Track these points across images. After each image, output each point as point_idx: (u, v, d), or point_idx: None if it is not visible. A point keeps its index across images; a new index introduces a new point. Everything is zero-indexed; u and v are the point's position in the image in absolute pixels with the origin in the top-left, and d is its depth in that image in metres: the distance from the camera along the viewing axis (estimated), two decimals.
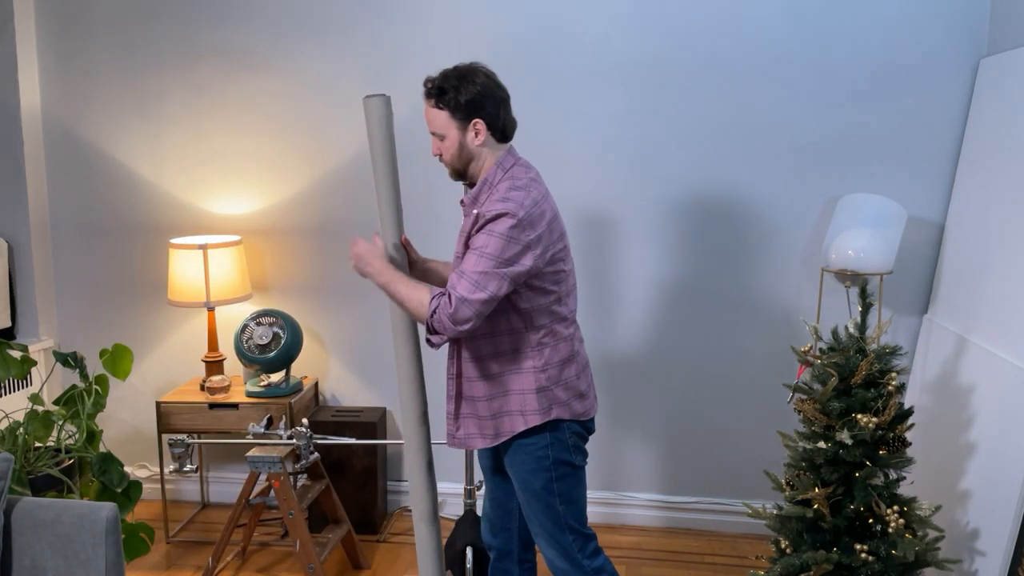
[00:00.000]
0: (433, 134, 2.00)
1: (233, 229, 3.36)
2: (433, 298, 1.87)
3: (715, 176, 3.09)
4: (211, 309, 3.22)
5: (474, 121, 1.94)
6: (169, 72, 3.30)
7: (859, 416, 2.24)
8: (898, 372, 2.31)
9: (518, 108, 3.12)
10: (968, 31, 2.90)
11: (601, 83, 3.10)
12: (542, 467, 2.04)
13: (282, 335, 3.09)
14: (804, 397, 2.40)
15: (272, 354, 3.07)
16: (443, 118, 1.95)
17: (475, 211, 1.96)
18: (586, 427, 2.12)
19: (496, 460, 2.23)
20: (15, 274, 3.36)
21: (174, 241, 3.16)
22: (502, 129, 2.00)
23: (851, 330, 2.34)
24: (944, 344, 2.82)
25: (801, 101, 3.01)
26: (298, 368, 3.38)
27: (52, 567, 1.87)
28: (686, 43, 3.03)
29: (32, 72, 3.32)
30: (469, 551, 2.65)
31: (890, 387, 2.28)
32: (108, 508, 1.89)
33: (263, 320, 3.11)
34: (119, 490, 2.50)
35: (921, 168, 3.00)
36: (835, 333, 2.39)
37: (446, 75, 1.95)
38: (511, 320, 1.98)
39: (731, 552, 3.11)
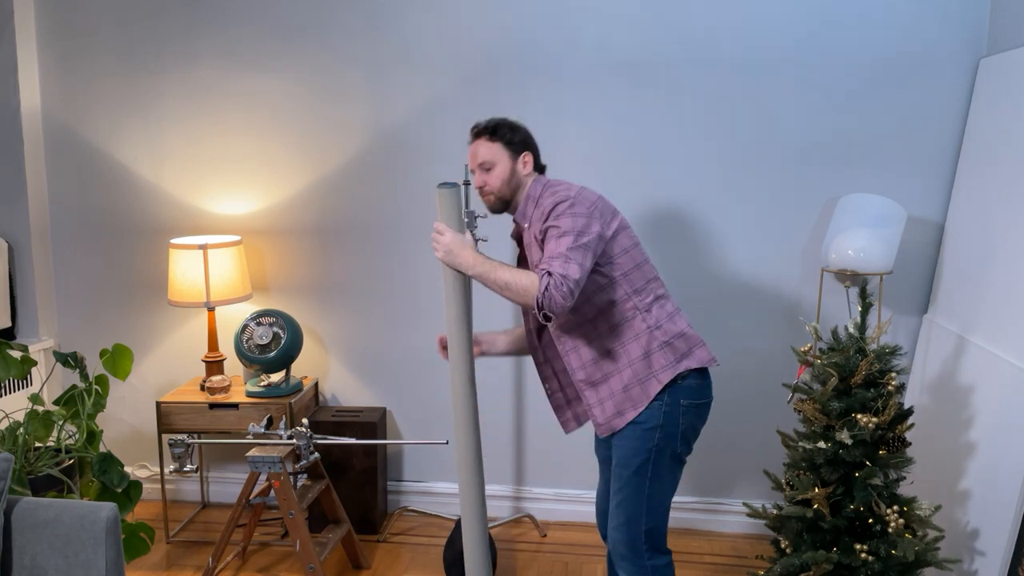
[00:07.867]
0: (480, 167, 2.17)
1: (233, 229, 3.37)
2: (541, 278, 1.92)
3: (715, 176, 3.09)
4: (211, 309, 3.22)
5: (524, 153, 2.17)
6: (169, 72, 3.30)
7: (859, 416, 2.24)
8: (898, 372, 2.32)
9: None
10: (968, 31, 2.91)
11: (601, 83, 3.10)
12: (645, 447, 2.07)
13: (282, 335, 3.09)
14: (804, 397, 2.41)
15: (272, 354, 3.07)
16: (496, 148, 2.15)
17: (526, 224, 2.14)
18: (701, 412, 2.11)
19: (610, 450, 2.25)
20: (15, 274, 3.36)
21: (174, 241, 3.16)
22: (542, 167, 2.25)
23: (851, 330, 2.34)
24: (944, 344, 2.82)
25: (801, 101, 3.01)
26: (298, 368, 3.38)
27: (52, 567, 1.87)
28: (686, 43, 3.03)
29: (32, 72, 3.32)
30: None
31: (890, 387, 2.28)
32: (108, 508, 1.89)
33: (263, 320, 3.11)
34: (119, 490, 2.50)
35: (921, 168, 3.00)
36: (835, 333, 2.40)
37: (494, 119, 2.19)
38: (608, 292, 2.07)
39: (731, 552, 3.11)
